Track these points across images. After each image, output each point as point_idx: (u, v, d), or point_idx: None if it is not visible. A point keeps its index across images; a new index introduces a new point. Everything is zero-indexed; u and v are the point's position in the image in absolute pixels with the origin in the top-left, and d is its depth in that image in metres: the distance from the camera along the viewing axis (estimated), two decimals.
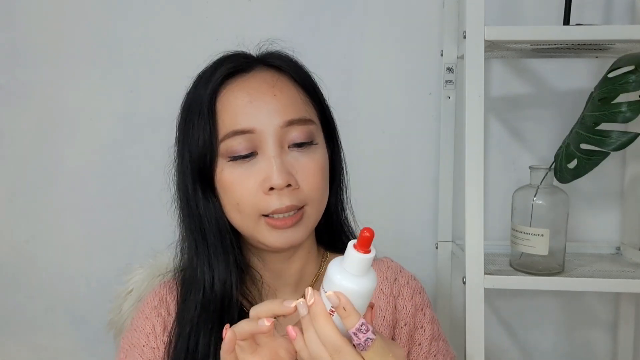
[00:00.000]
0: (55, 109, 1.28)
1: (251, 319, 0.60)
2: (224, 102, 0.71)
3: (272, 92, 0.70)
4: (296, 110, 0.71)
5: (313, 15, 1.23)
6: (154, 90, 1.26)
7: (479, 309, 0.96)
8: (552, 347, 1.29)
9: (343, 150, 0.81)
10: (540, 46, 1.03)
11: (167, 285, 0.81)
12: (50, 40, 1.27)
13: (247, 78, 0.72)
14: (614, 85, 0.93)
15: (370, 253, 0.56)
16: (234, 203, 0.70)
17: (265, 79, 0.72)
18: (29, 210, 1.31)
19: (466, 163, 0.96)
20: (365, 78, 1.24)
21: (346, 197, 0.82)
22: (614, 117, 0.92)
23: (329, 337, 0.56)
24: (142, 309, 0.80)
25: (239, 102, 0.70)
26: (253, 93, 0.70)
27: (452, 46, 1.19)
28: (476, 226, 0.96)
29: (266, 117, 0.69)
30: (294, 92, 0.73)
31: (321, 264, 0.82)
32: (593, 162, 0.95)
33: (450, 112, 1.21)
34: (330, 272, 0.57)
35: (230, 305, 0.73)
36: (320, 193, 0.72)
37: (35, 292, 1.33)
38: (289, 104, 0.71)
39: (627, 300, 1.23)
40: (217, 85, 0.72)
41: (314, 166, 0.71)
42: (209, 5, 1.24)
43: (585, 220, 1.24)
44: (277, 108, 0.69)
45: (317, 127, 0.74)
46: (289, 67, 0.75)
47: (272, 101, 0.70)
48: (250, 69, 0.73)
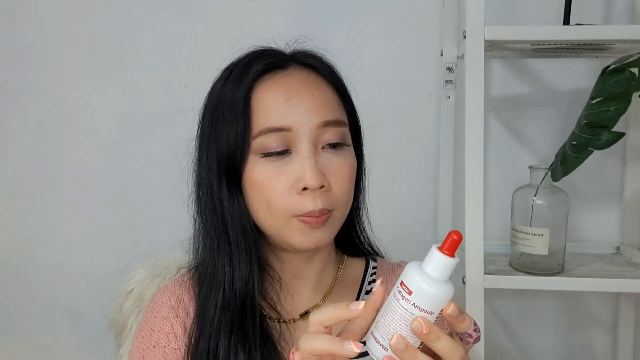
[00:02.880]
0: (55, 109, 1.28)
1: (329, 337, 0.55)
2: (259, 98, 0.69)
3: (310, 91, 0.70)
4: (332, 111, 0.70)
5: (313, 15, 1.23)
6: (154, 89, 1.26)
7: (478, 309, 0.96)
8: (551, 347, 1.29)
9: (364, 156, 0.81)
10: (540, 46, 1.03)
11: (181, 284, 0.79)
12: (50, 40, 1.27)
13: (284, 75, 0.71)
14: (604, 84, 0.94)
15: (456, 258, 0.54)
16: (264, 202, 0.69)
17: (303, 77, 0.71)
18: (30, 210, 1.32)
19: (466, 163, 0.96)
20: (365, 78, 1.24)
21: (365, 203, 0.82)
22: (601, 115, 0.94)
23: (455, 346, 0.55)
24: (157, 308, 0.77)
25: (276, 99, 0.69)
26: (291, 91, 0.69)
27: (452, 46, 1.19)
28: (476, 226, 0.96)
29: (303, 116, 0.68)
30: (330, 93, 0.72)
31: (339, 267, 0.81)
32: (579, 159, 0.97)
33: (450, 112, 1.21)
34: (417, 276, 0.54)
35: (252, 305, 0.71)
36: (348, 196, 0.72)
37: (36, 291, 1.33)
38: (326, 105, 0.70)
39: (627, 300, 1.23)
40: (253, 80, 0.70)
41: (346, 169, 0.70)
42: (209, 5, 1.24)
43: (585, 220, 1.24)
44: (314, 108, 0.69)
45: (348, 130, 0.73)
46: (324, 68, 0.74)
47: (309, 100, 0.69)
48: (286, 66, 0.72)
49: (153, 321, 0.76)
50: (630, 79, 0.92)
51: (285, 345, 0.74)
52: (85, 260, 1.31)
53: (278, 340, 0.73)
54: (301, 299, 0.77)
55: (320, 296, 0.78)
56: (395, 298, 0.55)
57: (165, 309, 0.76)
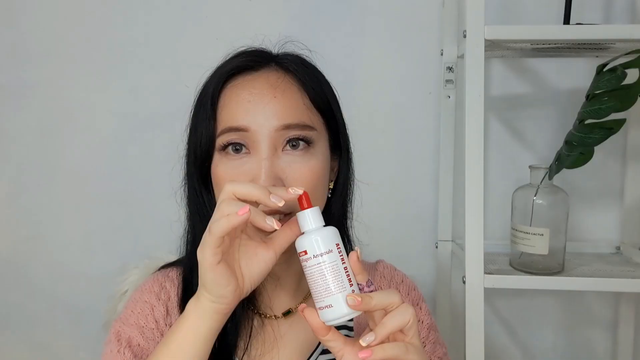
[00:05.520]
0: (55, 108, 1.28)
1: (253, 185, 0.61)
2: (226, 98, 0.71)
3: (273, 93, 0.69)
4: (295, 114, 0.69)
5: (313, 15, 1.23)
6: (154, 89, 1.26)
7: (479, 309, 0.96)
8: (552, 346, 1.29)
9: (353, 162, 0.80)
10: (541, 45, 1.03)
11: (165, 275, 0.80)
12: (50, 39, 1.27)
13: (252, 76, 0.72)
14: (597, 83, 0.95)
15: (314, 207, 0.62)
16: None
17: (270, 79, 0.71)
18: (30, 209, 1.32)
19: (466, 162, 0.96)
20: (365, 78, 1.24)
21: (351, 209, 0.80)
22: (593, 114, 0.95)
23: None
24: (138, 295, 0.78)
25: (239, 100, 0.70)
26: (254, 92, 0.70)
27: (452, 45, 1.19)
28: (476, 225, 0.96)
29: (262, 118, 0.68)
30: (298, 95, 0.71)
31: None
32: (571, 157, 0.98)
33: (450, 112, 1.21)
34: (300, 239, 0.62)
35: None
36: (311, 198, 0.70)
37: (36, 290, 1.33)
38: (289, 107, 0.69)
39: (627, 300, 1.23)
40: (223, 80, 0.72)
41: (307, 172, 0.69)
42: (209, 4, 1.24)
43: (585, 220, 1.24)
44: (275, 110, 0.68)
45: (318, 134, 0.72)
46: (300, 71, 0.73)
47: (271, 102, 0.69)
48: (259, 67, 0.73)
49: (133, 305, 0.77)
50: (622, 77, 0.93)
51: (266, 339, 0.76)
52: (85, 260, 1.31)
53: (258, 333, 0.75)
54: (280, 300, 0.78)
55: (300, 298, 0.79)
56: (304, 267, 0.61)
57: (147, 294, 0.77)
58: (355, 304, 0.58)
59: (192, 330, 0.63)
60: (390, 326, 0.59)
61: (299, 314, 0.78)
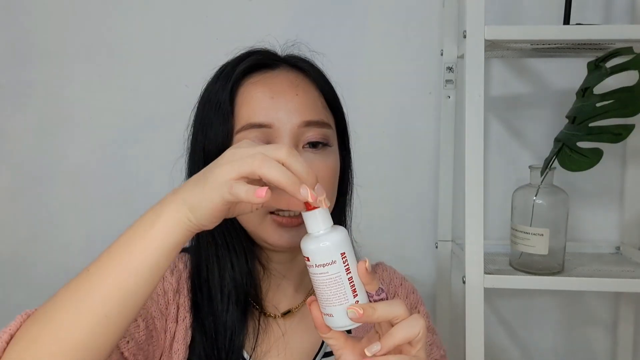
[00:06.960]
0: (55, 108, 1.28)
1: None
2: (244, 95, 0.71)
3: (295, 91, 0.71)
4: (315, 112, 0.71)
5: (313, 15, 1.23)
6: (155, 89, 1.26)
7: (478, 309, 0.96)
8: (552, 346, 1.29)
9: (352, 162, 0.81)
10: (541, 46, 1.03)
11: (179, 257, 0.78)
12: (50, 39, 1.27)
13: (271, 74, 0.73)
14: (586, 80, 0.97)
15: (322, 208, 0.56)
16: None
17: (290, 78, 0.73)
18: (30, 209, 1.31)
19: (466, 163, 0.96)
20: (365, 78, 1.24)
21: (350, 207, 0.82)
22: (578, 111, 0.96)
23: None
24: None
25: (260, 96, 0.70)
26: (275, 89, 0.70)
27: (452, 46, 1.19)
28: (476, 226, 0.96)
29: (285, 115, 0.69)
30: (315, 95, 0.73)
31: None
32: (554, 152, 0.99)
33: (450, 112, 1.21)
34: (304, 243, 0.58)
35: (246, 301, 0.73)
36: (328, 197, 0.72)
37: (36, 290, 1.33)
38: (309, 105, 0.71)
39: (627, 300, 1.23)
40: (241, 77, 0.72)
41: (326, 169, 0.71)
42: (209, 4, 1.24)
43: (585, 220, 1.24)
44: (297, 107, 0.70)
45: (333, 133, 0.74)
46: (313, 72, 0.75)
47: (293, 100, 0.70)
48: (275, 66, 0.74)
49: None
50: (604, 74, 0.93)
51: (272, 337, 0.76)
52: (85, 260, 1.30)
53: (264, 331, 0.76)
54: (283, 298, 0.79)
55: (302, 296, 0.80)
56: (309, 270, 0.58)
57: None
58: (356, 316, 0.56)
59: (159, 239, 0.55)
60: (398, 337, 0.57)
61: (303, 314, 0.78)
